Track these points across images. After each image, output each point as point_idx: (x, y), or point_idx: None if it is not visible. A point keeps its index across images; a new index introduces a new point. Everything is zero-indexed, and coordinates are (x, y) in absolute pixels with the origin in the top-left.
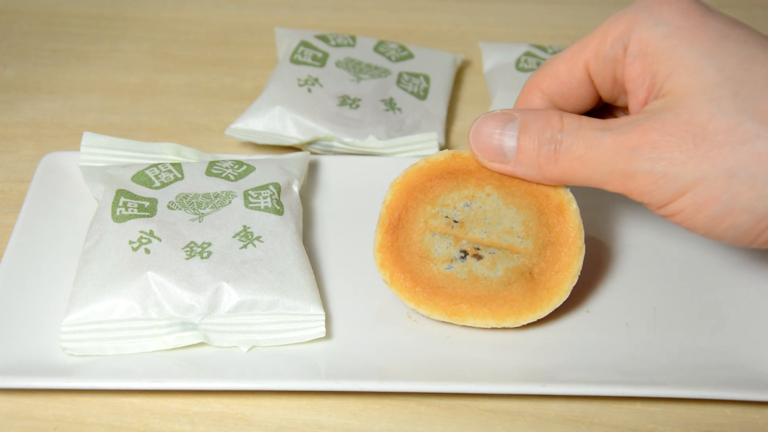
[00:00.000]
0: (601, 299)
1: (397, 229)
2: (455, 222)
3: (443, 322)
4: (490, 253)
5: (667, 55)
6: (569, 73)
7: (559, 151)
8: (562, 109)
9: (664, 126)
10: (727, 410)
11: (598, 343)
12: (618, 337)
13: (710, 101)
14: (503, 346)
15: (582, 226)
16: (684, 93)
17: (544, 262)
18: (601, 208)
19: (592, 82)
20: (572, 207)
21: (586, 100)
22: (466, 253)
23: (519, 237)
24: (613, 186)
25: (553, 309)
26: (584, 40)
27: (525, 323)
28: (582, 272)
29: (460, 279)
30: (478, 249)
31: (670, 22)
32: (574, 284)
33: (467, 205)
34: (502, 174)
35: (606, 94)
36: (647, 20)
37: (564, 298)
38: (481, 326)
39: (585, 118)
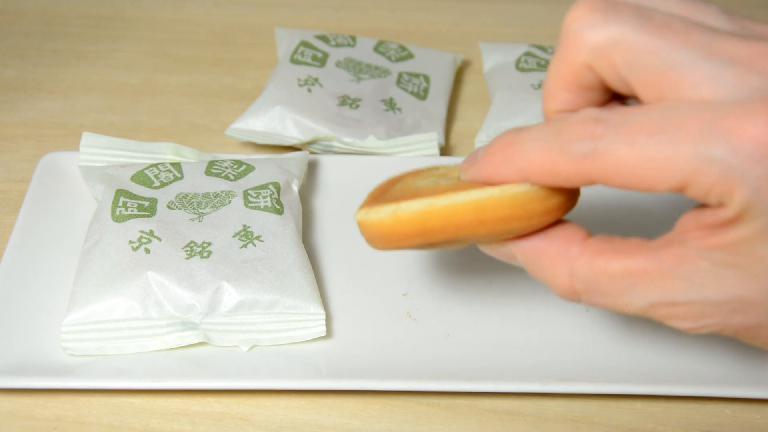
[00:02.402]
0: None
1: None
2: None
3: (424, 211)
4: None
5: None
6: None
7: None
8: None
9: None
10: (728, 410)
11: (598, 342)
12: (617, 335)
13: None
14: (503, 345)
15: None
16: None
17: None
18: (599, 207)
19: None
20: None
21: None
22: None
23: None
24: None
25: None
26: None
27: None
28: None
29: (444, 183)
30: None
31: None
32: None
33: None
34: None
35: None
36: None
37: None
38: (464, 206)
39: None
